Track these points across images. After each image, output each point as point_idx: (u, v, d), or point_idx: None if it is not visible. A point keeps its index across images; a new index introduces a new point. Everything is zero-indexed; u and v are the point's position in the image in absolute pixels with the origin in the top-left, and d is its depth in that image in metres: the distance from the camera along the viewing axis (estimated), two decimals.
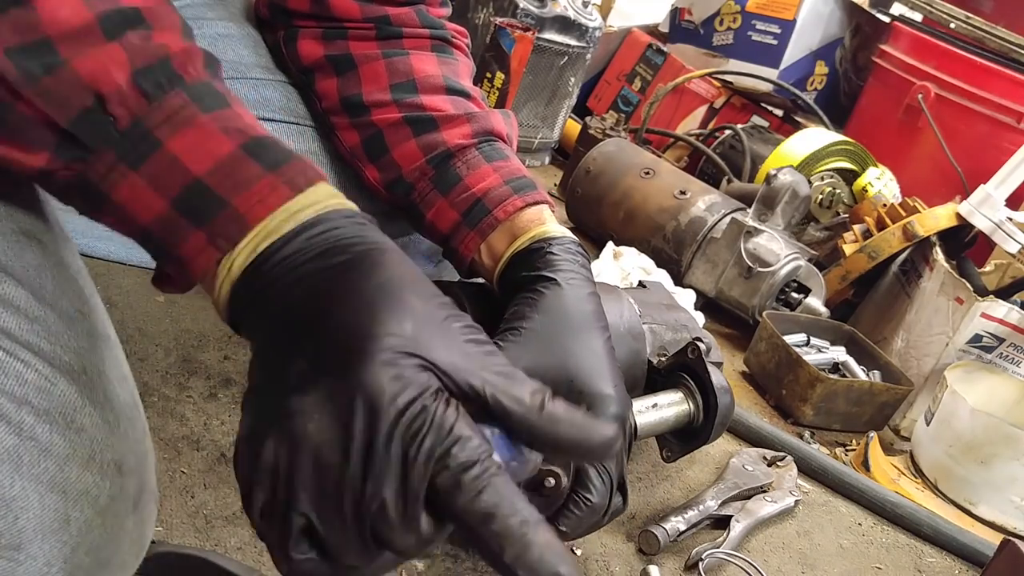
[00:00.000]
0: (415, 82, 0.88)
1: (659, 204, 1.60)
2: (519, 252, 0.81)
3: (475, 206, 0.84)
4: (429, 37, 0.92)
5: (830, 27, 2.29)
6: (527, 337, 0.73)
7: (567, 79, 1.99)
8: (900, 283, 1.54)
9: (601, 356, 0.73)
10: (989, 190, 1.46)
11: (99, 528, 0.45)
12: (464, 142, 0.87)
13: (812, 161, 1.86)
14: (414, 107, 0.87)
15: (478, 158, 0.87)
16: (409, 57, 0.89)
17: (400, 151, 0.87)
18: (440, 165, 0.87)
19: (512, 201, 0.84)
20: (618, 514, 0.74)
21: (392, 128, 0.88)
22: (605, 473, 0.70)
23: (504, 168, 0.86)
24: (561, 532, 0.68)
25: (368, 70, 0.89)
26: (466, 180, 0.85)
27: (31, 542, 0.41)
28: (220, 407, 0.84)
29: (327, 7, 0.88)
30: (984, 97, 1.91)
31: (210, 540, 0.70)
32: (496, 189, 0.85)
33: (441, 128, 0.87)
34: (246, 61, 0.93)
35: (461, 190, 0.85)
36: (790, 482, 1.04)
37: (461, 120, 0.87)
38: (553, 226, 0.83)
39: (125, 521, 0.47)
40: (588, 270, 0.81)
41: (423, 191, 0.87)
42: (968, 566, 1.05)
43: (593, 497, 0.69)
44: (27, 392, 0.43)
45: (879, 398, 1.33)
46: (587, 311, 0.75)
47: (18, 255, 0.48)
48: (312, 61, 0.90)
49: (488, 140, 0.88)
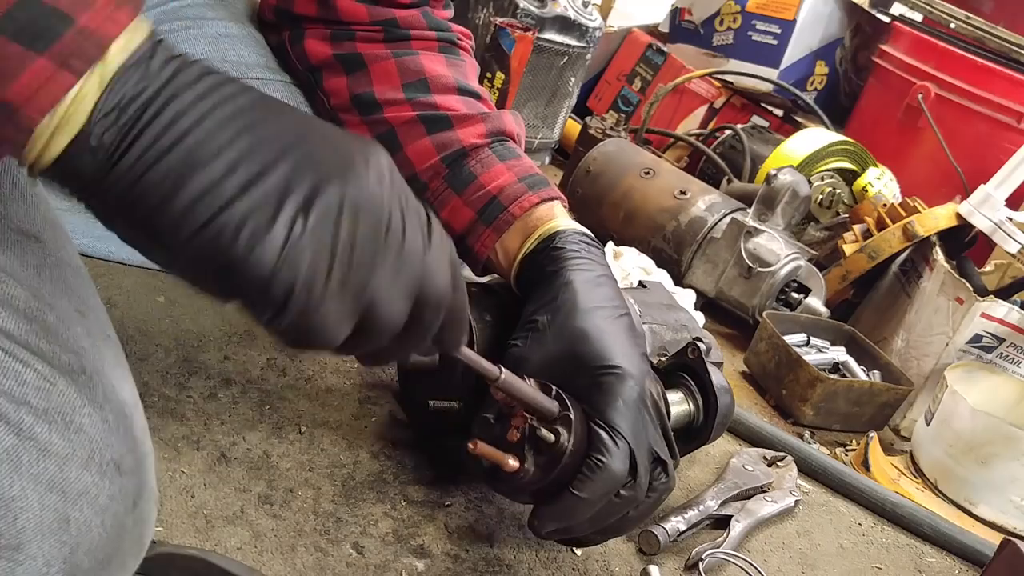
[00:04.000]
0: (427, 81, 0.89)
1: (659, 204, 1.60)
2: (530, 252, 0.82)
3: (491, 203, 0.85)
4: (436, 39, 0.92)
5: (830, 27, 2.29)
6: (539, 332, 0.75)
7: (567, 79, 1.98)
8: (900, 283, 1.54)
9: (608, 332, 0.74)
10: (989, 190, 1.46)
11: (98, 528, 0.45)
12: (478, 141, 0.87)
13: (812, 161, 1.85)
14: (428, 106, 0.88)
15: (492, 157, 0.87)
16: (419, 57, 0.90)
17: (414, 148, 0.88)
18: (454, 164, 0.87)
19: (528, 197, 0.85)
20: (665, 492, 0.73)
21: (406, 126, 0.88)
22: (619, 437, 0.69)
23: (517, 166, 0.87)
24: (577, 497, 0.68)
25: (379, 69, 0.89)
26: (481, 178, 0.86)
27: (30, 542, 0.41)
28: (220, 407, 0.84)
29: (334, 10, 0.88)
30: (984, 97, 1.91)
31: (210, 540, 0.70)
32: (511, 186, 0.85)
33: (456, 127, 0.87)
34: (248, 61, 0.93)
35: (476, 188, 0.86)
36: (790, 482, 1.04)
37: (476, 119, 0.88)
38: (563, 221, 0.84)
39: (125, 521, 0.47)
40: (597, 255, 0.82)
41: (437, 190, 0.88)
42: (968, 566, 1.05)
43: (604, 458, 0.68)
44: (26, 392, 0.43)
45: (879, 398, 1.33)
46: (595, 295, 0.77)
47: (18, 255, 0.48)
48: (320, 60, 0.91)
49: (500, 139, 0.89)
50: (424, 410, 0.86)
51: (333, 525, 0.76)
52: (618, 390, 0.70)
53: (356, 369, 0.98)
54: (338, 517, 0.77)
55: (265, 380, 0.91)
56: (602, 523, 0.72)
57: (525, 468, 0.69)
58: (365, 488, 0.82)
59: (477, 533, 0.82)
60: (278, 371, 0.92)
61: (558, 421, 0.69)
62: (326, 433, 0.87)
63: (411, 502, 0.82)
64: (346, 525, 0.77)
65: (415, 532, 0.79)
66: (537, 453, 0.70)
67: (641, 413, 0.71)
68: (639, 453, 0.70)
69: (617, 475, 0.69)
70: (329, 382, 0.94)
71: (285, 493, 0.78)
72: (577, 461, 0.69)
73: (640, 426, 0.70)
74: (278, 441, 0.83)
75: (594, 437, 0.69)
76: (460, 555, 0.78)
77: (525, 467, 0.69)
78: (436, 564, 0.76)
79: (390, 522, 0.79)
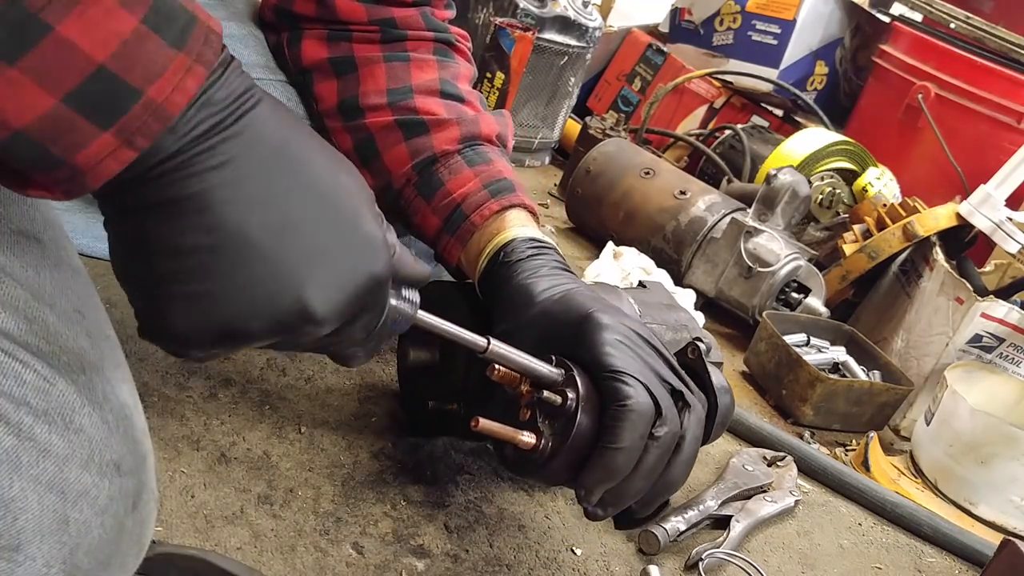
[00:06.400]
0: (411, 87, 0.89)
1: (659, 204, 1.60)
2: (486, 265, 0.83)
3: (455, 212, 0.86)
4: (433, 40, 0.92)
5: (830, 27, 2.29)
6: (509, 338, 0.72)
7: (567, 79, 1.98)
8: (900, 283, 1.54)
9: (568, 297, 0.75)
10: (989, 190, 1.46)
11: (98, 529, 0.44)
12: (449, 148, 0.88)
13: (812, 161, 1.86)
14: (407, 110, 0.88)
15: (460, 163, 0.88)
16: (409, 63, 0.90)
17: (390, 155, 0.88)
18: (424, 171, 0.88)
19: (488, 205, 0.85)
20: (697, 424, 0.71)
21: (383, 131, 0.88)
22: (627, 376, 0.67)
23: (485, 172, 0.87)
24: (612, 449, 0.66)
25: (367, 72, 0.89)
26: (448, 185, 0.87)
27: (30, 543, 0.41)
28: (220, 407, 0.84)
29: (333, 10, 0.89)
30: (984, 97, 1.91)
31: (210, 540, 0.70)
32: (475, 194, 0.86)
33: (431, 132, 0.88)
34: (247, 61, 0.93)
35: (443, 195, 0.87)
36: (790, 482, 1.04)
37: (451, 124, 0.88)
38: (516, 230, 0.84)
39: (124, 521, 0.46)
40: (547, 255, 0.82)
41: (408, 197, 0.89)
42: (968, 566, 1.05)
43: (624, 401, 0.66)
44: (26, 393, 0.43)
45: (879, 398, 1.33)
46: (544, 282, 0.77)
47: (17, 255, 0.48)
48: (313, 62, 0.91)
49: (472, 144, 0.89)
50: (424, 410, 0.86)
51: (333, 525, 0.76)
52: (602, 335, 0.69)
53: (356, 369, 0.98)
54: (338, 517, 0.77)
55: (265, 380, 0.91)
56: (652, 477, 0.69)
57: (543, 440, 0.67)
58: (365, 488, 0.82)
59: (477, 533, 0.82)
60: (278, 371, 0.92)
61: (562, 383, 0.68)
62: (326, 433, 0.87)
63: (411, 502, 0.82)
64: (346, 525, 0.77)
65: (415, 532, 0.79)
66: (552, 421, 0.68)
67: (635, 349, 0.69)
68: (653, 387, 0.68)
69: (644, 411, 0.66)
70: (329, 382, 0.94)
71: (285, 493, 0.78)
72: (595, 419, 0.67)
73: (640, 363, 0.69)
74: (278, 441, 0.83)
75: (605, 390, 0.67)
76: (460, 555, 0.78)
77: (543, 439, 0.67)
78: (436, 564, 0.76)
79: (390, 522, 0.79)
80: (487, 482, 0.89)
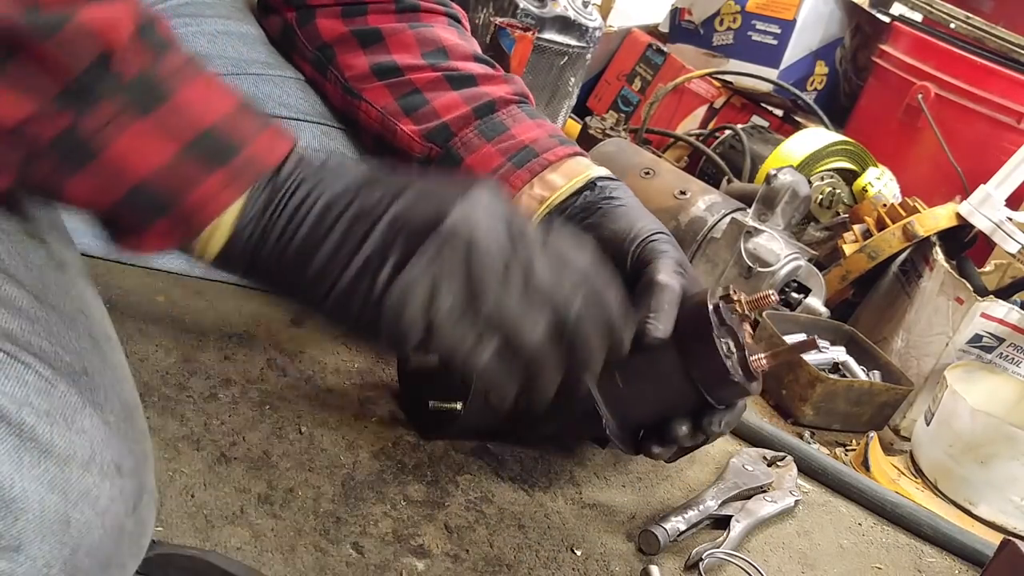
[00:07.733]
0: (445, 50, 0.92)
1: (659, 204, 1.60)
2: (578, 188, 0.87)
3: (523, 150, 0.90)
4: (444, 14, 0.95)
5: (830, 27, 2.29)
6: None
7: (567, 79, 1.98)
8: (900, 283, 1.54)
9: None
10: (989, 190, 1.46)
11: (99, 529, 0.45)
12: (508, 96, 0.91)
13: (812, 161, 1.85)
14: (450, 69, 0.91)
15: (521, 114, 0.92)
16: (435, 28, 0.93)
17: (441, 102, 0.91)
18: (485, 115, 0.90)
19: (563, 148, 0.89)
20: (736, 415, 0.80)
21: (431, 84, 0.92)
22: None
23: (546, 125, 0.92)
24: None
25: (396, 40, 0.92)
26: (512, 130, 0.90)
27: (31, 543, 0.41)
28: (220, 407, 0.84)
29: None
30: (984, 97, 1.91)
31: (210, 540, 0.70)
32: (544, 140, 0.90)
33: (481, 84, 0.91)
34: (245, 57, 0.94)
35: (507, 137, 0.90)
36: (790, 482, 1.04)
37: (499, 79, 0.93)
38: (598, 169, 0.90)
39: (125, 522, 0.47)
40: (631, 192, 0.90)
41: (466, 137, 0.91)
42: (968, 566, 1.05)
43: None
44: (28, 393, 0.43)
45: (879, 398, 1.33)
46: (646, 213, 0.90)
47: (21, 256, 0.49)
48: (334, 36, 0.93)
49: (524, 101, 0.92)
50: (424, 410, 0.86)
51: (333, 525, 0.76)
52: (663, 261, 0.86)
53: (356, 369, 0.98)
54: (338, 517, 0.77)
55: (265, 380, 0.91)
56: None
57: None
58: (365, 488, 0.82)
59: (477, 533, 0.82)
60: (278, 371, 0.92)
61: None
62: (326, 433, 0.87)
63: (411, 502, 0.82)
64: (346, 525, 0.77)
65: (415, 532, 0.79)
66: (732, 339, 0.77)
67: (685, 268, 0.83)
68: None
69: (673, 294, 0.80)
70: (329, 382, 0.94)
71: (285, 493, 0.78)
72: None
73: None
74: (278, 441, 0.83)
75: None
76: (460, 555, 0.78)
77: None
78: (436, 564, 0.76)
79: (390, 522, 0.79)
80: (487, 482, 0.89)
